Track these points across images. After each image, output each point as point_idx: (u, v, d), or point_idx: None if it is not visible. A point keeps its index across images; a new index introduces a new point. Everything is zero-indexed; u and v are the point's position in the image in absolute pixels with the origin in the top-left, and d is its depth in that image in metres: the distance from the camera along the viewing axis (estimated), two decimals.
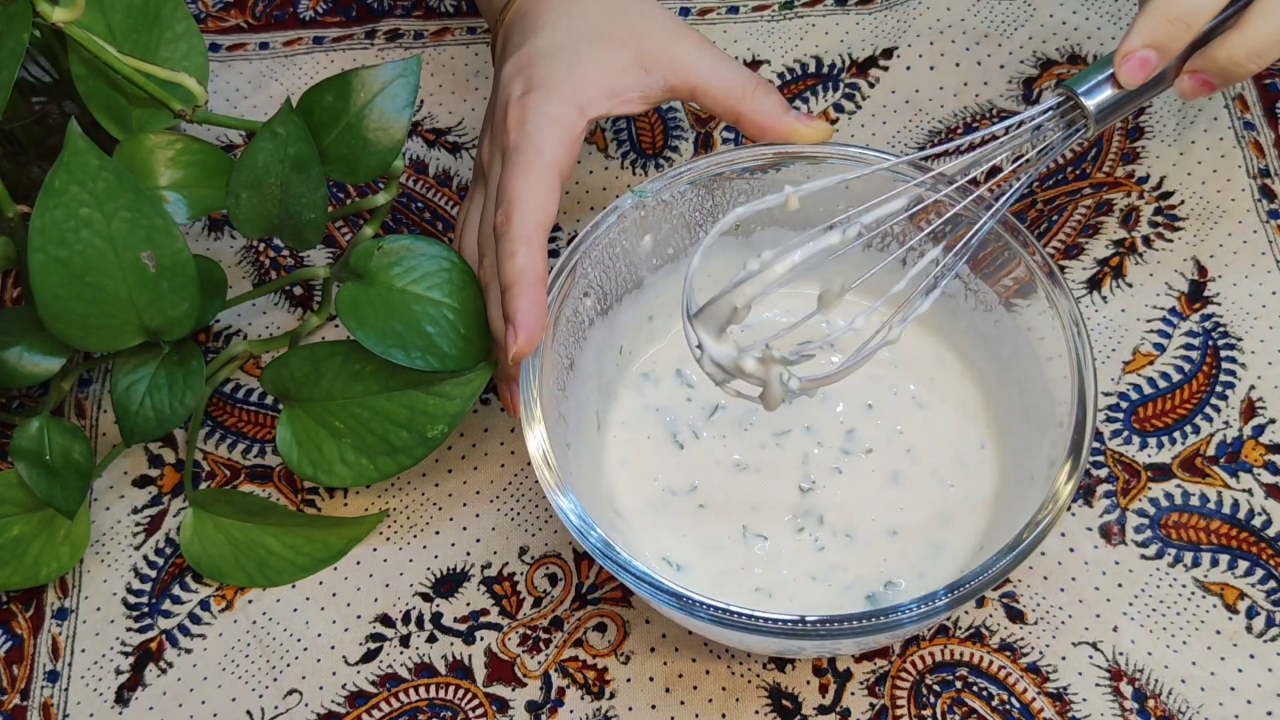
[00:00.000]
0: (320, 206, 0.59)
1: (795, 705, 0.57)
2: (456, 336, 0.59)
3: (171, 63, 0.62)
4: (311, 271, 0.66)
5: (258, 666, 0.61)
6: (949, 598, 0.49)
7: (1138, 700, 0.56)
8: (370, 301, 0.59)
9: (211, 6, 0.79)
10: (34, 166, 0.67)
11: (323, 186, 0.59)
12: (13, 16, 0.54)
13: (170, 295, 0.58)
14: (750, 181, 0.59)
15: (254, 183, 0.58)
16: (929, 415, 0.60)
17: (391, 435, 0.60)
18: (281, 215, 0.59)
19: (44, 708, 0.61)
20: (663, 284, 0.61)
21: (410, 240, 0.60)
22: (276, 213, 0.59)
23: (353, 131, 0.60)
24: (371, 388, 0.61)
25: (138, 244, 0.56)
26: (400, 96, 0.59)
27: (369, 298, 0.59)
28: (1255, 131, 0.68)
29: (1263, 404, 0.61)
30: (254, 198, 0.58)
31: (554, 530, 0.62)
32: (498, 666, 0.59)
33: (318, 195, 0.59)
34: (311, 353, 0.61)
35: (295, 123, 0.58)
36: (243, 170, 0.58)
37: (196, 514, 0.63)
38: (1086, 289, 0.65)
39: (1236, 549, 0.59)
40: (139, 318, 0.58)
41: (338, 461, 0.61)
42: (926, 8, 0.74)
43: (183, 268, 0.57)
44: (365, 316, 0.58)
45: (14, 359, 0.61)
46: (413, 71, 0.60)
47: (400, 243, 0.60)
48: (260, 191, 0.58)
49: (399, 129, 0.60)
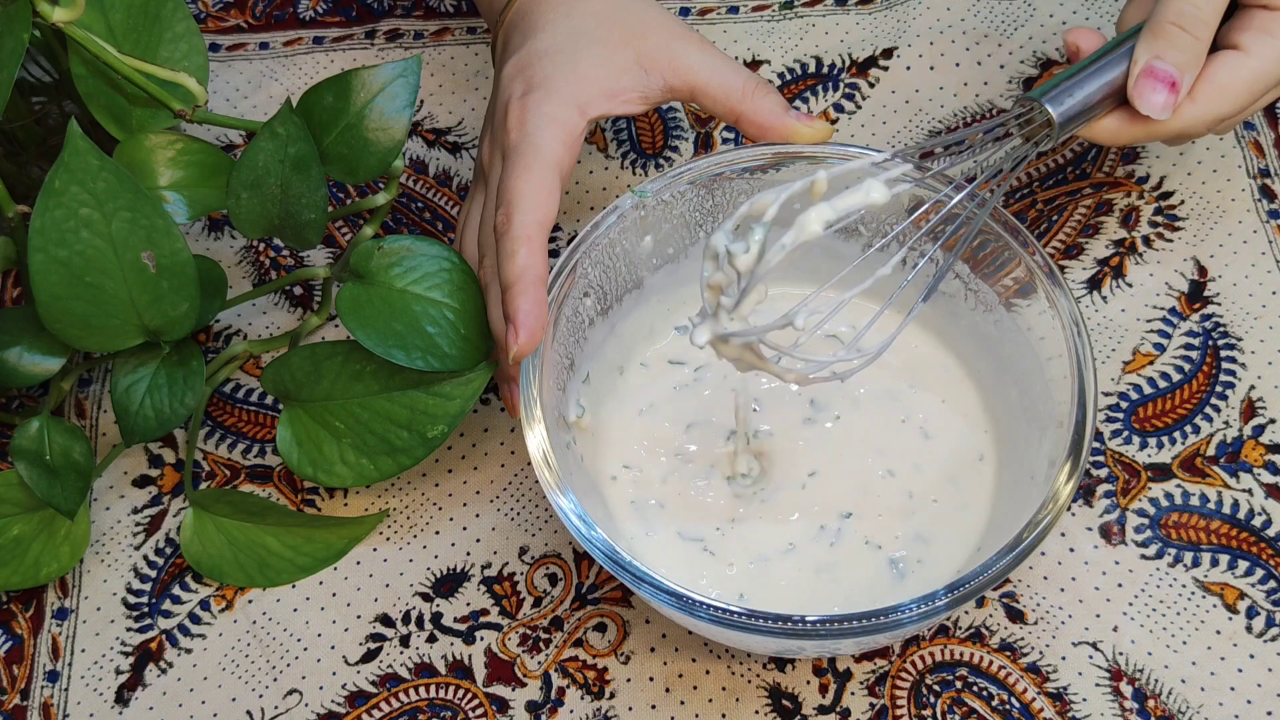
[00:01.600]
0: (320, 206, 0.59)
1: (795, 705, 0.57)
2: (457, 337, 0.59)
3: (172, 63, 0.62)
4: (311, 271, 0.66)
5: (258, 666, 0.61)
6: (949, 598, 0.49)
7: (1138, 700, 0.56)
8: (371, 302, 0.59)
9: (211, 6, 0.79)
10: (34, 166, 0.67)
11: (323, 186, 0.59)
12: (13, 16, 0.54)
13: (170, 295, 0.58)
14: (750, 181, 0.59)
15: (254, 183, 0.58)
16: (929, 415, 0.60)
17: (392, 435, 0.60)
18: (282, 215, 0.59)
19: (44, 708, 0.61)
20: (663, 284, 0.61)
21: (410, 240, 0.60)
22: (277, 213, 0.59)
23: (353, 131, 0.60)
24: (372, 388, 0.61)
25: (138, 244, 0.56)
26: (400, 96, 0.59)
27: (370, 298, 0.59)
28: (1255, 131, 0.68)
29: (1263, 404, 0.61)
30: (254, 198, 0.58)
31: (554, 530, 0.62)
32: (498, 666, 0.59)
33: (318, 195, 0.59)
34: (312, 353, 0.61)
35: (295, 123, 0.58)
36: (243, 170, 0.58)
37: (196, 514, 0.63)
38: (1086, 289, 0.65)
39: (1236, 549, 0.59)
40: (139, 318, 0.58)
41: (338, 461, 0.61)
42: (926, 8, 0.74)
43: (183, 268, 0.57)
44: (366, 317, 0.58)
45: (14, 359, 0.61)
46: (413, 72, 0.60)
47: (401, 243, 0.60)
48: (260, 192, 0.58)
49: (399, 129, 0.60)
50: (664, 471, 0.59)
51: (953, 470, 0.58)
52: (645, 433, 0.60)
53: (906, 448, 0.59)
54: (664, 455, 0.60)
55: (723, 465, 0.59)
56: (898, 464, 0.58)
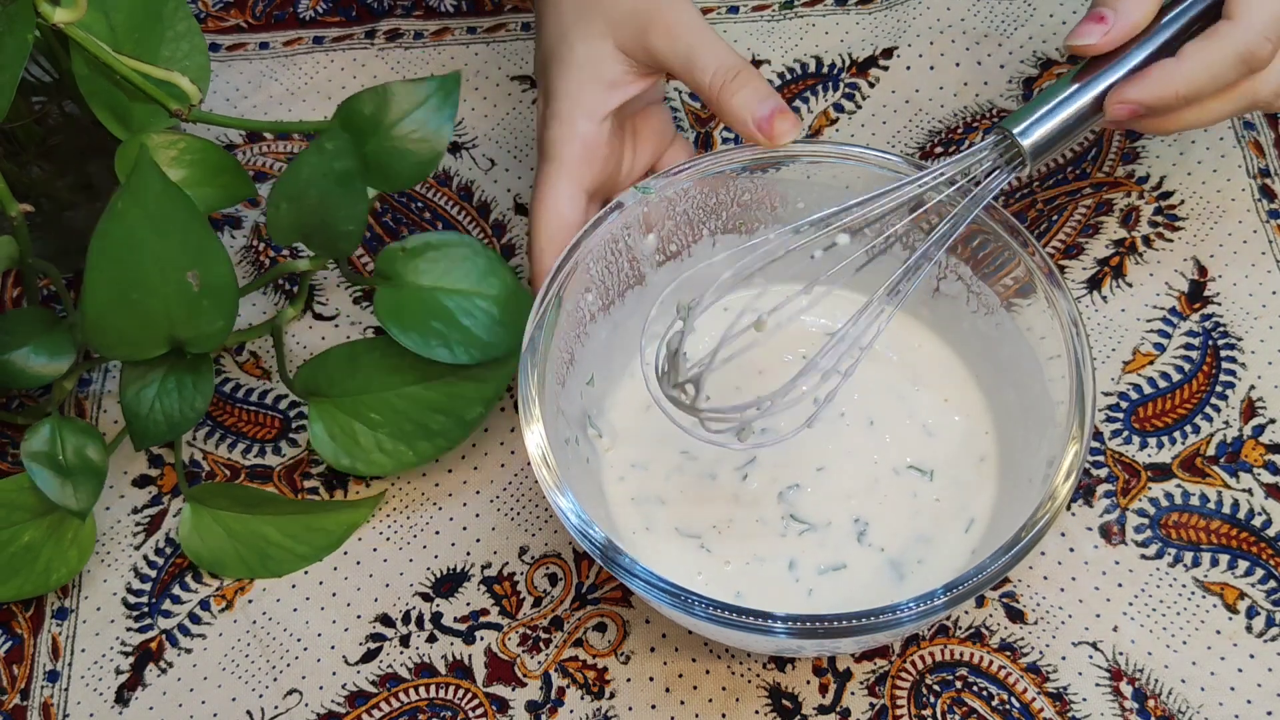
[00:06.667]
0: (360, 219, 0.60)
1: (795, 705, 0.57)
2: (492, 323, 0.60)
3: (172, 62, 0.62)
4: (292, 265, 0.66)
5: (258, 666, 0.61)
6: (947, 597, 0.49)
7: (1138, 700, 0.56)
8: (407, 304, 0.60)
9: (211, 6, 0.79)
10: (34, 166, 0.67)
11: (364, 200, 0.60)
12: (15, 17, 0.54)
13: (210, 312, 0.58)
14: (752, 179, 0.59)
15: (295, 195, 0.59)
16: (929, 415, 0.60)
17: (430, 421, 0.62)
18: (316, 225, 0.60)
19: (44, 708, 0.61)
20: (666, 281, 0.61)
21: (428, 235, 0.62)
22: (312, 223, 0.60)
23: (390, 142, 0.61)
24: (409, 379, 0.62)
25: (185, 264, 0.57)
26: (443, 110, 0.61)
27: (405, 300, 0.61)
28: (1255, 131, 0.68)
29: (1263, 404, 0.61)
30: (293, 208, 0.59)
31: (554, 530, 0.62)
32: (498, 666, 0.59)
33: (358, 209, 0.60)
34: (350, 350, 0.63)
35: (344, 138, 0.59)
36: (287, 183, 0.59)
37: (194, 509, 0.63)
38: (1086, 289, 0.65)
39: (1236, 549, 0.59)
40: (171, 330, 0.58)
41: (375, 450, 0.62)
42: (926, 8, 0.74)
43: (226, 290, 0.58)
44: (406, 320, 0.60)
45: (22, 360, 0.61)
46: (453, 87, 0.61)
47: (420, 239, 0.62)
48: (299, 203, 0.59)
49: (441, 141, 0.61)
50: (668, 469, 0.59)
51: (955, 470, 0.58)
52: (651, 430, 0.60)
53: (909, 447, 0.59)
54: (669, 452, 0.60)
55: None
56: (900, 463, 0.58)
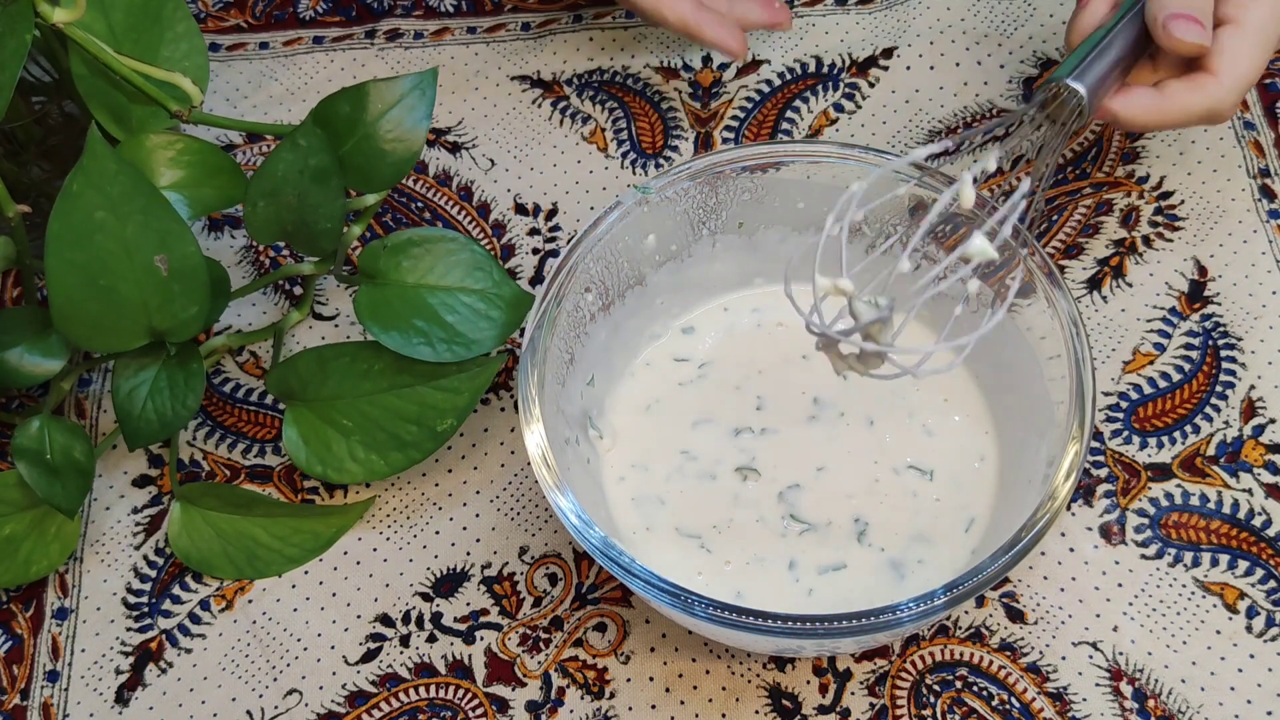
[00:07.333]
0: (337, 216, 0.60)
1: (795, 705, 0.57)
2: (478, 318, 0.60)
3: (172, 63, 0.62)
4: (296, 269, 0.66)
5: (258, 666, 0.61)
6: (947, 597, 0.49)
7: (1138, 700, 0.56)
8: (388, 302, 0.60)
9: (211, 6, 0.79)
10: (34, 166, 0.67)
11: (340, 197, 0.60)
12: (14, 17, 0.54)
13: (181, 298, 0.58)
14: (751, 179, 0.59)
15: (272, 191, 0.58)
16: (929, 415, 0.60)
17: (401, 431, 0.61)
18: (296, 223, 0.59)
19: (44, 708, 0.61)
20: (666, 281, 0.62)
21: (411, 231, 0.61)
22: (291, 220, 0.59)
23: (369, 141, 0.60)
24: (380, 385, 0.61)
25: (151, 247, 0.56)
26: (419, 108, 0.60)
27: (386, 298, 0.60)
28: (1255, 131, 0.68)
29: (1263, 404, 0.61)
30: (270, 205, 0.59)
31: (554, 530, 0.62)
32: (498, 666, 0.59)
33: (335, 206, 0.60)
34: (319, 355, 0.62)
35: (318, 135, 0.58)
36: (262, 179, 0.58)
37: (184, 508, 0.63)
38: (1086, 289, 0.65)
39: (1236, 549, 0.59)
40: (148, 319, 0.58)
41: (347, 458, 0.61)
42: (926, 8, 0.74)
43: (195, 271, 0.58)
44: (386, 319, 0.59)
45: (15, 359, 0.61)
46: (429, 84, 0.60)
47: (403, 236, 0.61)
48: (277, 200, 0.59)
49: (417, 140, 0.60)
50: (668, 469, 0.59)
51: (955, 470, 0.58)
52: (652, 430, 0.60)
53: (909, 447, 0.59)
54: (669, 452, 0.60)
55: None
56: (900, 463, 0.58)
